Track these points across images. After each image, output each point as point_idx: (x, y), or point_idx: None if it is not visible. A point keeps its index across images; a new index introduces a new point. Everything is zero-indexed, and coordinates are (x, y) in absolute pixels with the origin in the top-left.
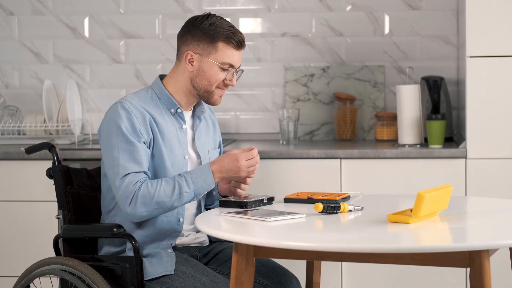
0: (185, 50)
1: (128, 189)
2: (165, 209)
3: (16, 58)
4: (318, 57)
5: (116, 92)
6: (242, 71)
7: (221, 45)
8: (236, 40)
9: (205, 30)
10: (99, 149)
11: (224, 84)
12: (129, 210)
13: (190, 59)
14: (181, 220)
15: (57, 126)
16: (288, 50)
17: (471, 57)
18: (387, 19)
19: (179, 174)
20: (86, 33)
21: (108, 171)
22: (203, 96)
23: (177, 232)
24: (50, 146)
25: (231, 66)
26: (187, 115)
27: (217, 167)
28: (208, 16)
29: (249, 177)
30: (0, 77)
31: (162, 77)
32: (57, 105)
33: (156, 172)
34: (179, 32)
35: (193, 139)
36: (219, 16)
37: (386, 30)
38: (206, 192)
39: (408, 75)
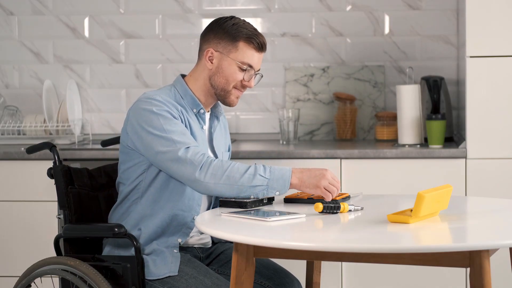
0: (206, 47)
1: (195, 157)
2: (233, 186)
3: (16, 58)
4: (318, 57)
5: (116, 92)
6: (262, 76)
7: (242, 45)
8: (258, 41)
9: (227, 29)
10: (99, 149)
11: (242, 85)
12: (197, 175)
13: (210, 56)
14: (195, 217)
15: (57, 126)
16: (288, 50)
17: (471, 57)
18: (387, 19)
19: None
20: (86, 33)
21: (161, 149)
22: (220, 95)
23: (188, 229)
24: (51, 146)
25: (250, 66)
26: (206, 116)
27: (300, 169)
28: (232, 17)
29: (324, 193)
30: (0, 77)
31: (182, 76)
32: (57, 105)
33: None
34: (202, 32)
35: (210, 140)
36: (243, 19)
37: (386, 30)
38: (277, 191)
39: (408, 75)
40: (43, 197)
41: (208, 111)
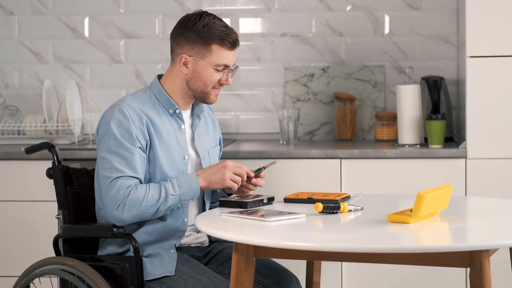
0: (179, 52)
1: (118, 193)
2: (150, 214)
3: (16, 58)
4: (318, 57)
5: (116, 92)
6: (237, 67)
7: (215, 47)
8: (230, 40)
9: (198, 32)
10: None
11: (220, 84)
12: (115, 214)
13: (184, 62)
14: (185, 220)
15: (57, 126)
16: (288, 50)
17: (471, 57)
18: (387, 19)
19: (166, 179)
20: (86, 33)
21: (100, 172)
22: (199, 97)
23: (181, 232)
24: (50, 146)
25: (226, 66)
26: (186, 114)
27: (203, 170)
28: (201, 16)
29: (231, 185)
30: (0, 77)
31: (159, 76)
32: (57, 105)
33: (154, 175)
34: (172, 33)
35: (192, 139)
36: (212, 15)
37: (386, 30)
38: (191, 199)
39: (408, 75)
40: (43, 197)
41: (188, 109)
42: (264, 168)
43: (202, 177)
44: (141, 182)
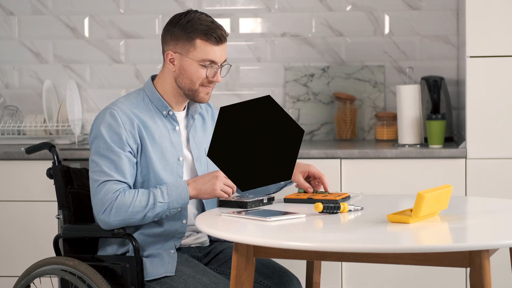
0: (166, 49)
1: (106, 197)
2: (137, 219)
3: (16, 58)
4: (318, 57)
5: (116, 92)
6: (230, 65)
7: (199, 42)
8: (215, 35)
9: (182, 28)
10: None
11: (208, 81)
12: (102, 217)
13: (171, 58)
14: (184, 221)
15: (57, 126)
16: (288, 50)
17: (471, 57)
18: (387, 19)
19: (156, 186)
20: (86, 33)
21: (90, 175)
22: (188, 95)
23: (181, 234)
24: (50, 146)
25: (212, 62)
26: (181, 115)
27: (194, 179)
28: (187, 13)
29: (221, 195)
30: (0, 77)
31: (153, 77)
32: (57, 105)
33: (148, 178)
34: (161, 32)
35: (188, 140)
36: (199, 12)
37: (386, 30)
38: (180, 208)
39: (408, 75)
40: (43, 197)
41: (183, 109)
42: (328, 193)
43: (192, 187)
44: (130, 187)
